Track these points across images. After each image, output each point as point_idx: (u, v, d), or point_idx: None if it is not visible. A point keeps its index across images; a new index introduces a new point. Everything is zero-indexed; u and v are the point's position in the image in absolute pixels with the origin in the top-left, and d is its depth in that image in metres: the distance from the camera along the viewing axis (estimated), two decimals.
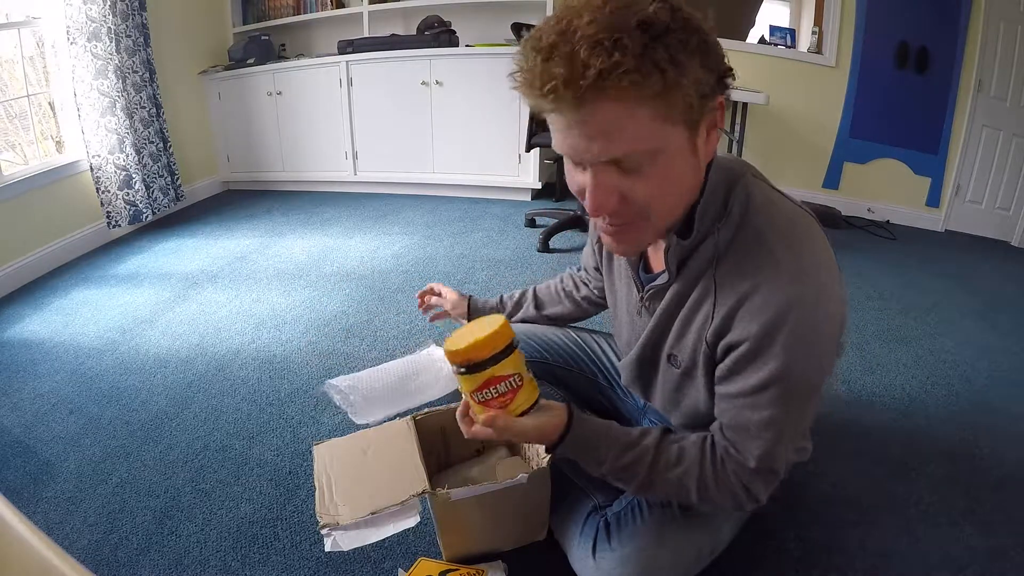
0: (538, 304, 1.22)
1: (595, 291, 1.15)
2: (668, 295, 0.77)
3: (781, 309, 0.64)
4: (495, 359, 0.71)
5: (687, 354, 0.77)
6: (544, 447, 0.77)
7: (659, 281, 0.78)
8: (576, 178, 0.68)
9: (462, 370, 0.71)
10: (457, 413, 0.78)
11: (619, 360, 1.07)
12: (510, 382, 0.72)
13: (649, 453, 0.75)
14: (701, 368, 0.75)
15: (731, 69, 0.64)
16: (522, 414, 0.74)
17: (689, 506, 0.82)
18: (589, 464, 0.78)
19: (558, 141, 0.65)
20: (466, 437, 0.77)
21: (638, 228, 0.69)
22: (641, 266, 0.84)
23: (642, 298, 0.82)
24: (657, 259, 0.82)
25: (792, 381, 0.66)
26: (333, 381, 1.55)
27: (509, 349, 0.72)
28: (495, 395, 0.72)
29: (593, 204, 0.65)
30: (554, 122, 0.64)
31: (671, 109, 0.60)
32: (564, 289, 1.20)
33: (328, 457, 0.98)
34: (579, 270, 1.19)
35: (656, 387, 0.87)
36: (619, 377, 1.01)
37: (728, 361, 0.70)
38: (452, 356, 0.71)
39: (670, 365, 0.81)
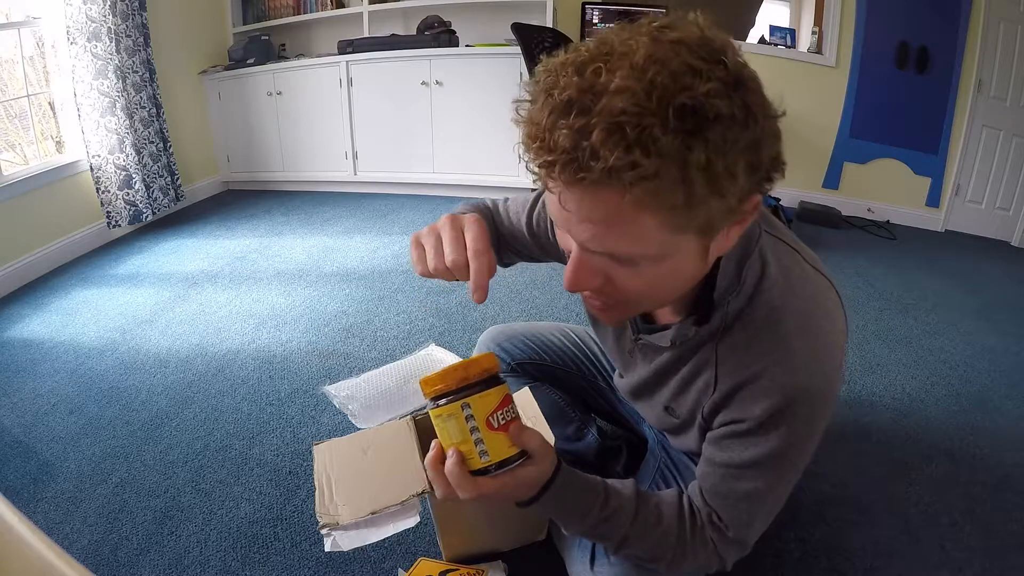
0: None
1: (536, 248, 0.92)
2: (666, 355, 0.73)
3: (788, 397, 0.61)
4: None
5: (685, 412, 0.73)
6: (517, 501, 0.67)
7: (656, 340, 0.72)
8: (564, 239, 0.58)
9: (479, 388, 0.60)
10: (435, 464, 0.63)
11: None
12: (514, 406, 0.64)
13: (631, 503, 0.70)
14: (697, 428, 0.73)
15: (783, 164, 0.52)
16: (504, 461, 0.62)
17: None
18: (572, 513, 0.69)
19: (550, 202, 0.54)
20: (468, 495, 0.62)
21: (623, 309, 0.63)
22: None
23: (635, 340, 0.78)
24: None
25: (784, 460, 0.65)
26: (331, 388, 1.55)
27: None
28: (512, 416, 0.62)
29: (571, 281, 0.57)
30: (547, 182, 0.53)
31: (688, 222, 0.50)
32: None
33: (328, 457, 0.98)
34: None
35: (653, 419, 0.85)
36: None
37: (723, 431, 0.67)
38: (468, 369, 0.59)
39: (667, 414, 0.78)
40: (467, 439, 0.60)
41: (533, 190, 0.79)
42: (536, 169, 0.51)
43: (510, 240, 0.91)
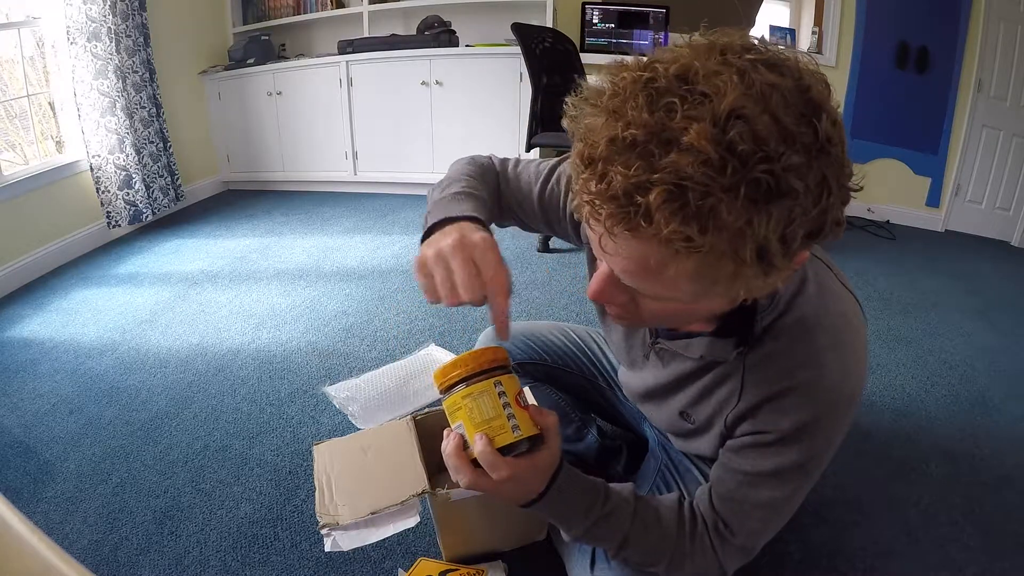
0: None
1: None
2: (689, 363, 0.71)
3: (816, 413, 0.61)
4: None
5: (703, 418, 0.73)
6: (521, 500, 0.67)
7: (680, 349, 0.71)
8: (592, 241, 0.52)
9: (505, 370, 0.63)
10: (458, 452, 0.63)
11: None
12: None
13: (630, 504, 0.70)
14: (716, 436, 0.72)
15: (844, 226, 0.49)
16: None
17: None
18: (574, 511, 0.69)
19: (583, 212, 0.49)
20: (501, 475, 0.61)
21: (641, 323, 0.63)
22: None
23: (653, 343, 0.76)
24: None
25: (803, 472, 0.65)
26: (331, 389, 1.55)
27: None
28: (528, 400, 0.65)
29: (596, 294, 0.57)
30: (589, 219, 0.50)
31: (729, 290, 0.49)
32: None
33: (328, 457, 0.98)
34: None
35: (663, 422, 0.84)
36: (618, 377, 1.01)
37: (745, 439, 0.66)
38: (497, 352, 0.64)
39: (682, 420, 0.77)
40: (500, 414, 0.61)
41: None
42: (581, 199, 0.47)
43: (514, 206, 0.84)
